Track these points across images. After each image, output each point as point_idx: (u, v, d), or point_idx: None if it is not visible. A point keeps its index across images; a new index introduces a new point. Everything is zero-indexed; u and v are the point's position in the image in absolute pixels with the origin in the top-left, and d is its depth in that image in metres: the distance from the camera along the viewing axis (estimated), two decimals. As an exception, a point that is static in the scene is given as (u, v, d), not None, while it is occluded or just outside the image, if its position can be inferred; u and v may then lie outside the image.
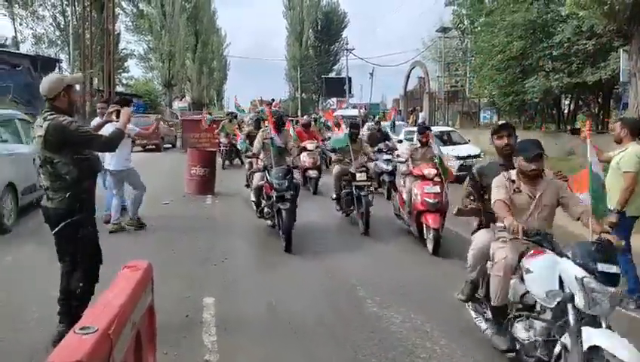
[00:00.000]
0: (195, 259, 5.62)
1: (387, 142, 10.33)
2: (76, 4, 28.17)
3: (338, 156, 7.83)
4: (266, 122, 7.63)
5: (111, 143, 3.61)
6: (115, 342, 1.80)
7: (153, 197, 8.57)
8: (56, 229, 3.39)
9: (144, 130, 8.07)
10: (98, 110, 7.23)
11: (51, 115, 3.31)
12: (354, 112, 20.58)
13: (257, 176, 6.98)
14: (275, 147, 6.55)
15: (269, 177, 6.32)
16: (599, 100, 15.64)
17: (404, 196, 6.66)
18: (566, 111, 17.64)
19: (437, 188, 6.08)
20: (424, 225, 6.10)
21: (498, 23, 14.98)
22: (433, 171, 6.21)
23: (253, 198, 7.28)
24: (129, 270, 2.42)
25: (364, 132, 10.97)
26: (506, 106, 17.65)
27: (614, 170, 4.46)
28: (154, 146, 19.84)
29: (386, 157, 9.48)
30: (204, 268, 5.31)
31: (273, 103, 21.24)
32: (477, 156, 12.66)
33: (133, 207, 6.74)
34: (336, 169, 7.66)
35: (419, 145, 6.84)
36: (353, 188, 7.01)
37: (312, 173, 10.07)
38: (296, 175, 6.83)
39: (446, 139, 13.51)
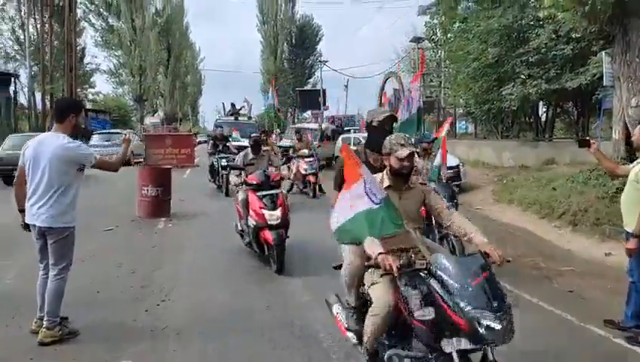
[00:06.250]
0: (124, 302, 4.62)
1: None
2: (36, 16, 26.90)
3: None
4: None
5: None
6: None
7: (95, 222, 7.53)
8: None
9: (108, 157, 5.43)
10: None
11: None
12: (314, 126, 21.93)
13: None
14: None
15: None
16: (578, 107, 15.19)
17: None
18: (544, 118, 17.20)
19: None
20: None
21: (473, 29, 14.46)
22: None
23: None
24: None
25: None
26: (482, 115, 17.14)
27: (633, 185, 3.65)
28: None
29: None
30: (132, 314, 4.32)
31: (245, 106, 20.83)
32: (455, 167, 11.99)
33: (55, 301, 3.76)
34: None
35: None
36: None
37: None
38: None
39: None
